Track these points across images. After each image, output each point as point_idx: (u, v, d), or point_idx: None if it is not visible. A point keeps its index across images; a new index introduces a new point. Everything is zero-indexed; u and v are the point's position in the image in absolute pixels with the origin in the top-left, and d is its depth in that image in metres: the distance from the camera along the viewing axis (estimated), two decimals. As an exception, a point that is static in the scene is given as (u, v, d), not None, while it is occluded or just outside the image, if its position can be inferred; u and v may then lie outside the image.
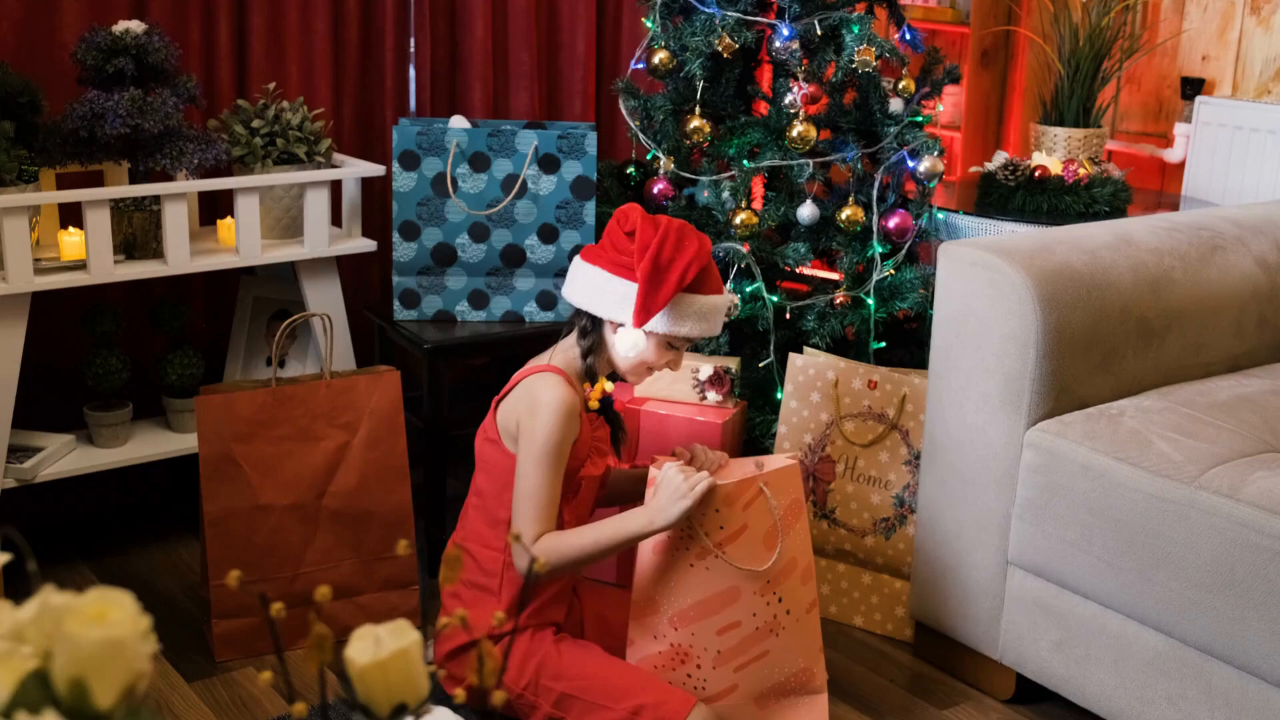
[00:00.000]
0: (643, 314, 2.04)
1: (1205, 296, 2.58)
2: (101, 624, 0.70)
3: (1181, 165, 3.64)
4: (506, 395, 2.14)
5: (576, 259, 2.15)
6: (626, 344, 2.09)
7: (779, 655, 2.09)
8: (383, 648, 0.88)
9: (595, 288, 2.10)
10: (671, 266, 2.04)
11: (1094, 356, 2.41)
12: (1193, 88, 3.62)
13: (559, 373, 2.10)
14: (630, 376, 2.17)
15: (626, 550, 2.16)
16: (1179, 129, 3.64)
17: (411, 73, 3.39)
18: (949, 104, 4.10)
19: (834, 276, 3.12)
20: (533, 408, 2.06)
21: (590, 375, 2.15)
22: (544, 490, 2.03)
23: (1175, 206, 3.46)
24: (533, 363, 2.18)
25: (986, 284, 2.38)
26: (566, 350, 2.17)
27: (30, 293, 2.59)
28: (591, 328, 2.14)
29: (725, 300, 2.13)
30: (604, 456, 2.19)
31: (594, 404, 2.14)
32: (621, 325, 2.10)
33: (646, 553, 2.08)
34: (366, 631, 0.89)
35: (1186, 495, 2.09)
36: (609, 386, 2.16)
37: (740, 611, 2.05)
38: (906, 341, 3.17)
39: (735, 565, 2.03)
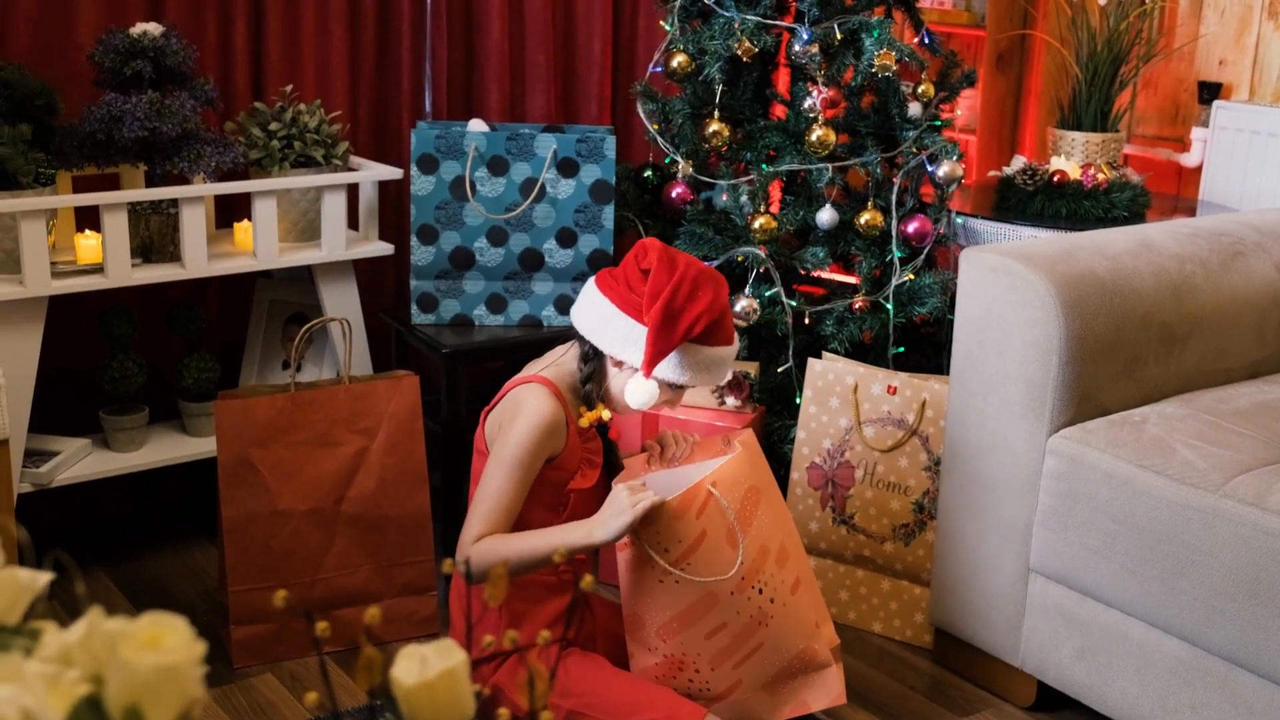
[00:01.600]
0: (650, 363, 1.99)
1: (1227, 303, 2.57)
2: (156, 650, 0.69)
3: (1198, 169, 3.63)
4: (495, 406, 2.11)
5: (590, 282, 2.11)
6: (638, 400, 2.03)
7: (774, 644, 2.06)
8: (430, 668, 0.87)
9: (601, 320, 2.05)
10: (680, 317, 1.98)
11: (1116, 363, 2.40)
12: (1210, 92, 3.60)
13: (548, 384, 2.06)
14: (620, 411, 2.13)
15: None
16: (1196, 133, 3.63)
17: (428, 74, 3.38)
18: (963, 107, 4.09)
19: (851, 280, 3.10)
20: (514, 416, 2.02)
21: (588, 401, 2.10)
22: (502, 495, 1.98)
23: (1192, 211, 3.44)
24: (526, 370, 2.14)
25: (1009, 290, 2.36)
26: (564, 365, 2.13)
27: (47, 296, 2.58)
28: (593, 355, 2.09)
29: (732, 351, 2.07)
30: (595, 469, 2.14)
31: (584, 423, 2.09)
32: (622, 362, 2.05)
33: (621, 571, 2.04)
34: (412, 651, 0.88)
35: (1211, 504, 2.08)
36: (606, 415, 2.10)
37: (723, 613, 2.01)
38: (923, 346, 3.15)
39: (698, 579, 1.98)
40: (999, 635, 2.47)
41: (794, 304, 2.93)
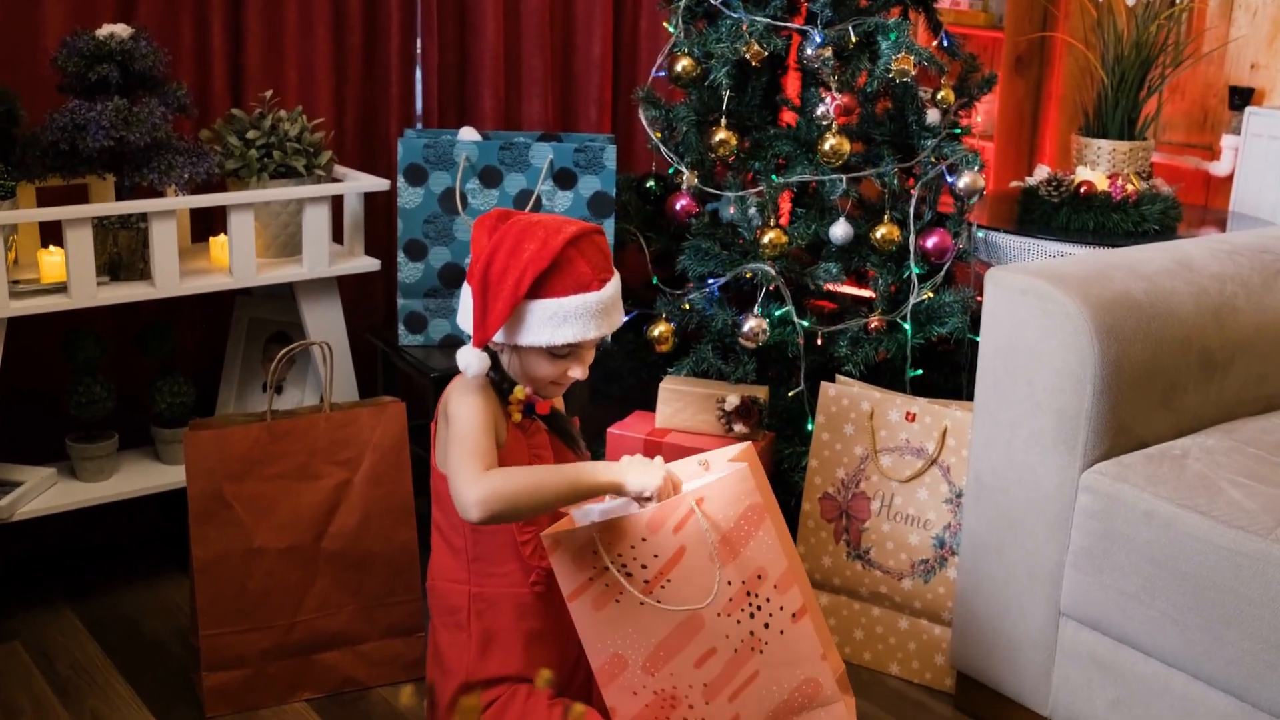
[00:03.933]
0: (480, 332, 1.92)
1: (1269, 325, 2.46)
2: None
3: (1228, 179, 3.49)
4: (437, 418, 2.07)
5: None
6: (461, 363, 1.97)
7: (772, 673, 1.96)
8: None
9: (462, 303, 2.00)
10: (504, 278, 1.90)
11: (1153, 392, 2.27)
12: (1241, 97, 3.46)
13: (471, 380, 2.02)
14: (538, 391, 2.04)
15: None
16: (1226, 141, 3.49)
17: (418, 79, 3.27)
18: (980, 112, 3.95)
19: (865, 293, 2.97)
20: (450, 409, 1.98)
21: (499, 390, 2.02)
22: (475, 441, 1.89)
23: (1223, 223, 3.31)
24: None
25: (1039, 314, 2.23)
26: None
27: (6, 318, 2.45)
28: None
29: (595, 296, 1.94)
30: (545, 463, 2.07)
31: (516, 417, 2.02)
32: (502, 344, 1.99)
33: (587, 612, 1.95)
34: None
35: (1262, 549, 1.95)
36: (520, 394, 2.02)
37: (711, 637, 1.93)
38: (940, 365, 3.01)
39: (673, 608, 1.89)
40: (1026, 682, 2.34)
41: (805, 324, 2.78)
